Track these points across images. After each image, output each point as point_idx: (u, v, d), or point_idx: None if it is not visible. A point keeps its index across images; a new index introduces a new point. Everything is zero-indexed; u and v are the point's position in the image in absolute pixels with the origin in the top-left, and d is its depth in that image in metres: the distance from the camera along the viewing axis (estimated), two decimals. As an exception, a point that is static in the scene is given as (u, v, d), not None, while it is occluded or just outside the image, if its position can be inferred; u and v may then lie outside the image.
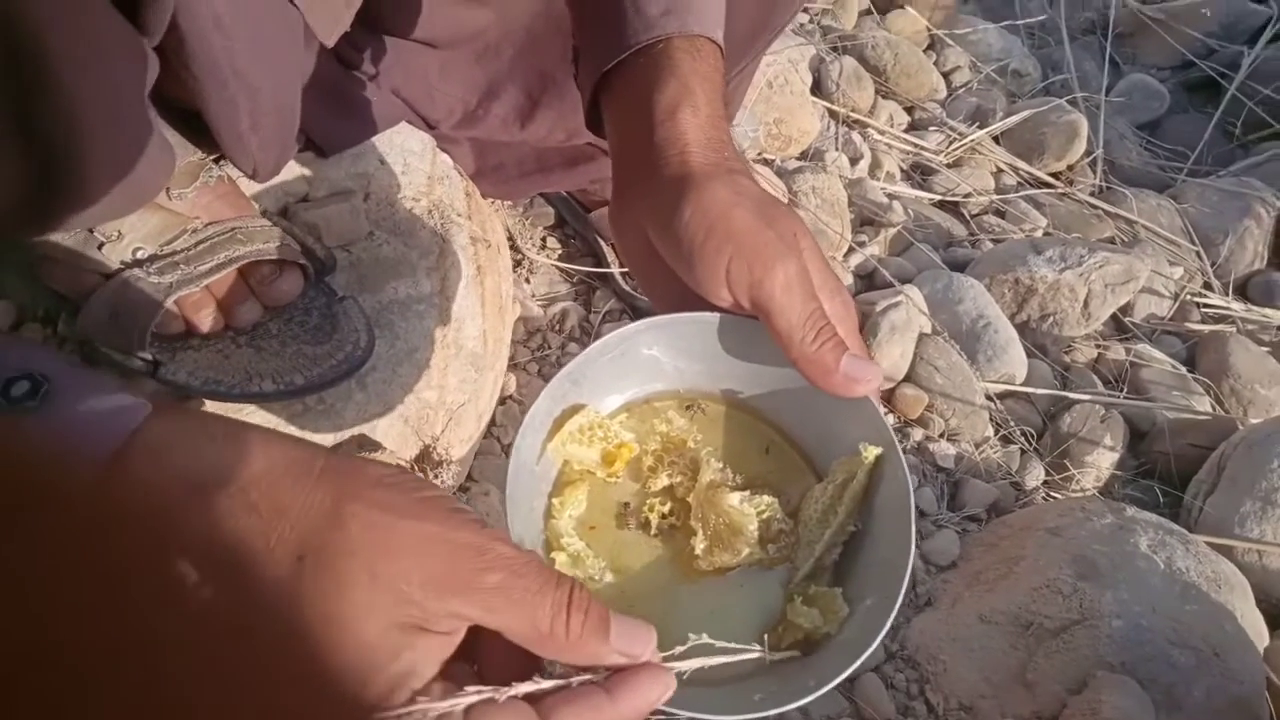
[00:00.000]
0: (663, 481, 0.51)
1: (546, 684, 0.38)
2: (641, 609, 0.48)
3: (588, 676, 0.39)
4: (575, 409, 0.50)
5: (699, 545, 0.49)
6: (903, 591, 0.44)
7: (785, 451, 0.54)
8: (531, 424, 0.47)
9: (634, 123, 0.52)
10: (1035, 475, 1.22)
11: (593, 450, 0.50)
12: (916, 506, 0.73)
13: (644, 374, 0.53)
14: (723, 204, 0.47)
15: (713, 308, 0.50)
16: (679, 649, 0.42)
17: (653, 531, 0.50)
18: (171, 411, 0.39)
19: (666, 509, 0.51)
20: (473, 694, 0.37)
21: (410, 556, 0.36)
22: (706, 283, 0.48)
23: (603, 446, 0.51)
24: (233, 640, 0.25)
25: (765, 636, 0.46)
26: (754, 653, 0.44)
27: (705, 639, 0.42)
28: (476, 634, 0.38)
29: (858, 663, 0.43)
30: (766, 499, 0.50)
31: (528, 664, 0.40)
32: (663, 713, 0.42)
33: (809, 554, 0.49)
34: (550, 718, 0.37)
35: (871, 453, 0.49)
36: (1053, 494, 1.23)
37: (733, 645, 0.43)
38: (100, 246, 0.63)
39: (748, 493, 0.50)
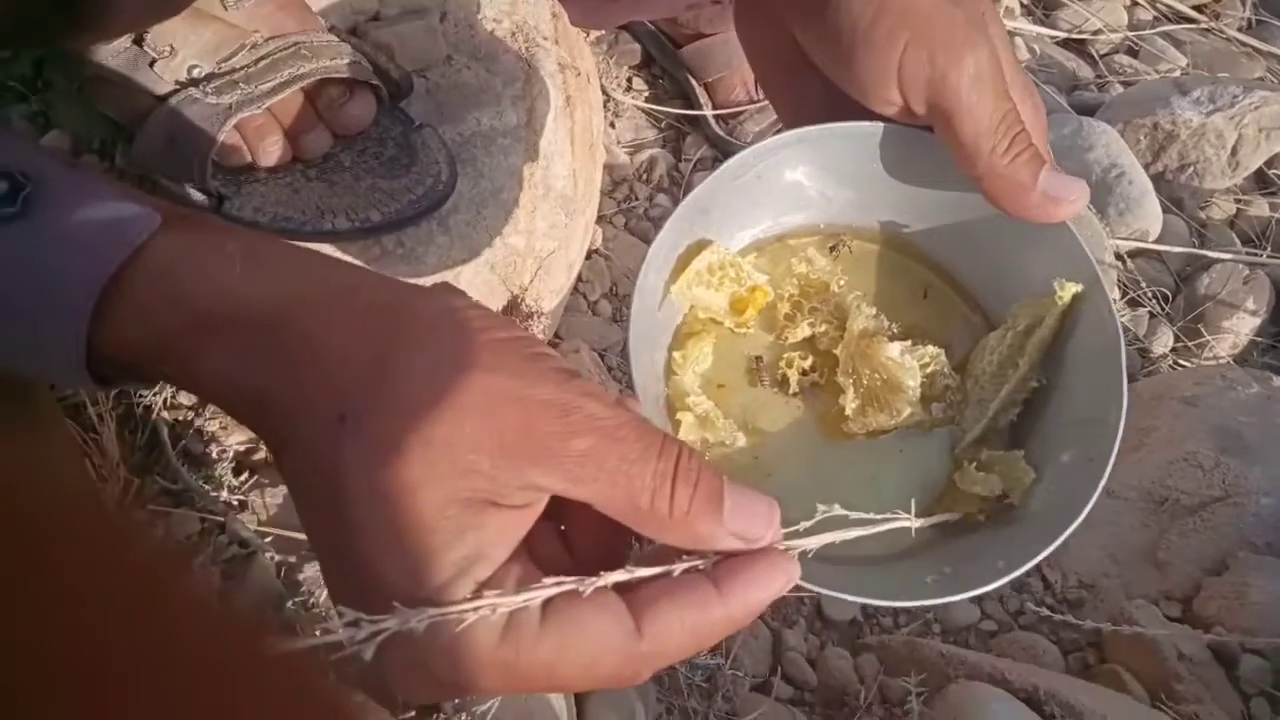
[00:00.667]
0: (803, 332, 0.44)
1: (642, 572, 0.31)
2: (780, 478, 0.41)
3: (693, 562, 0.32)
4: (701, 245, 0.42)
5: (849, 404, 0.42)
6: (1114, 454, 0.36)
7: (947, 295, 0.46)
8: (654, 261, 0.40)
9: None
10: (1164, 341, 1.11)
11: (721, 295, 0.43)
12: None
13: (783, 202, 0.44)
14: None
15: (870, 117, 0.41)
16: (804, 524, 0.34)
17: (792, 390, 0.43)
18: (183, 224, 0.32)
19: (808, 364, 0.43)
20: (550, 585, 0.30)
21: (476, 418, 0.29)
22: (871, 80, 0.39)
23: (733, 290, 0.43)
24: None
25: (913, 502, 0.39)
26: (900, 523, 0.36)
27: (838, 509, 0.34)
28: (563, 498, 0.31)
29: (1061, 538, 0.35)
30: (931, 350, 0.42)
31: (624, 536, 0.33)
32: (808, 590, 0.35)
33: (980, 413, 0.42)
34: (644, 614, 0.30)
35: (1069, 291, 0.40)
36: (1182, 362, 1.13)
37: (870, 515, 0.36)
38: (152, 64, 0.56)
39: (908, 343, 0.42)
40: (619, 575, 0.31)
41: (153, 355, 0.31)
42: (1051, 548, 0.36)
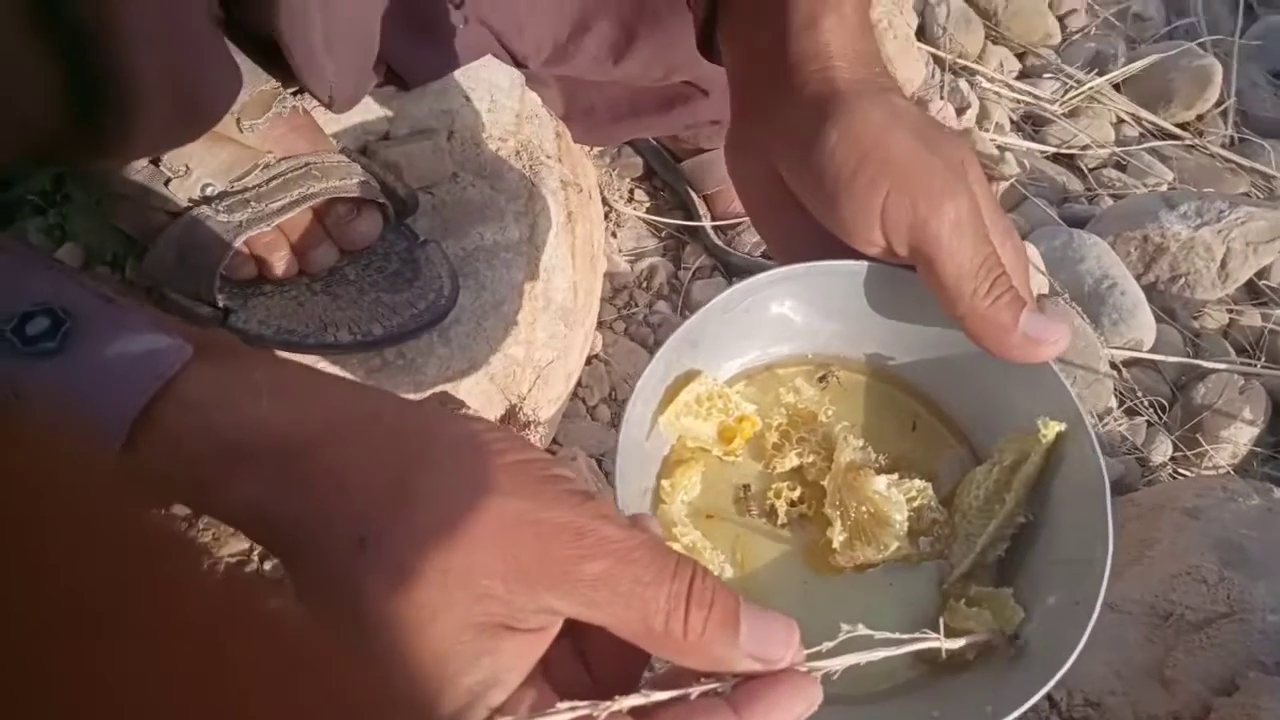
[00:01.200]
0: (790, 462, 0.44)
1: (657, 696, 0.31)
2: None
3: (711, 685, 0.31)
4: (690, 375, 0.43)
5: (837, 537, 0.42)
6: (1102, 593, 0.36)
7: (935, 428, 0.46)
8: (642, 392, 0.40)
9: (763, 34, 0.44)
10: (1163, 450, 1.11)
11: (709, 424, 0.43)
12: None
13: (770, 334, 0.45)
14: (878, 127, 0.40)
15: (854, 255, 0.42)
16: (827, 644, 0.34)
17: (780, 521, 0.43)
18: (212, 353, 0.33)
19: (796, 494, 0.44)
20: (564, 710, 0.30)
21: (492, 544, 0.29)
22: (854, 224, 0.40)
23: (720, 420, 0.43)
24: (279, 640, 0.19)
25: (941, 621, 0.38)
26: (929, 643, 0.36)
27: (863, 629, 0.34)
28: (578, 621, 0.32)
29: (1052, 681, 0.35)
30: (919, 484, 0.42)
31: (642, 658, 0.33)
32: None
33: (968, 548, 0.42)
34: None
35: (1053, 429, 0.41)
36: (1180, 471, 1.13)
37: (896, 635, 0.35)
38: (167, 182, 0.58)
39: (895, 476, 0.42)
40: (635, 699, 0.30)
41: (182, 483, 0.32)
42: (1039, 695, 0.35)
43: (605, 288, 1.04)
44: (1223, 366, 1.16)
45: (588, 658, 0.34)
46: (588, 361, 0.95)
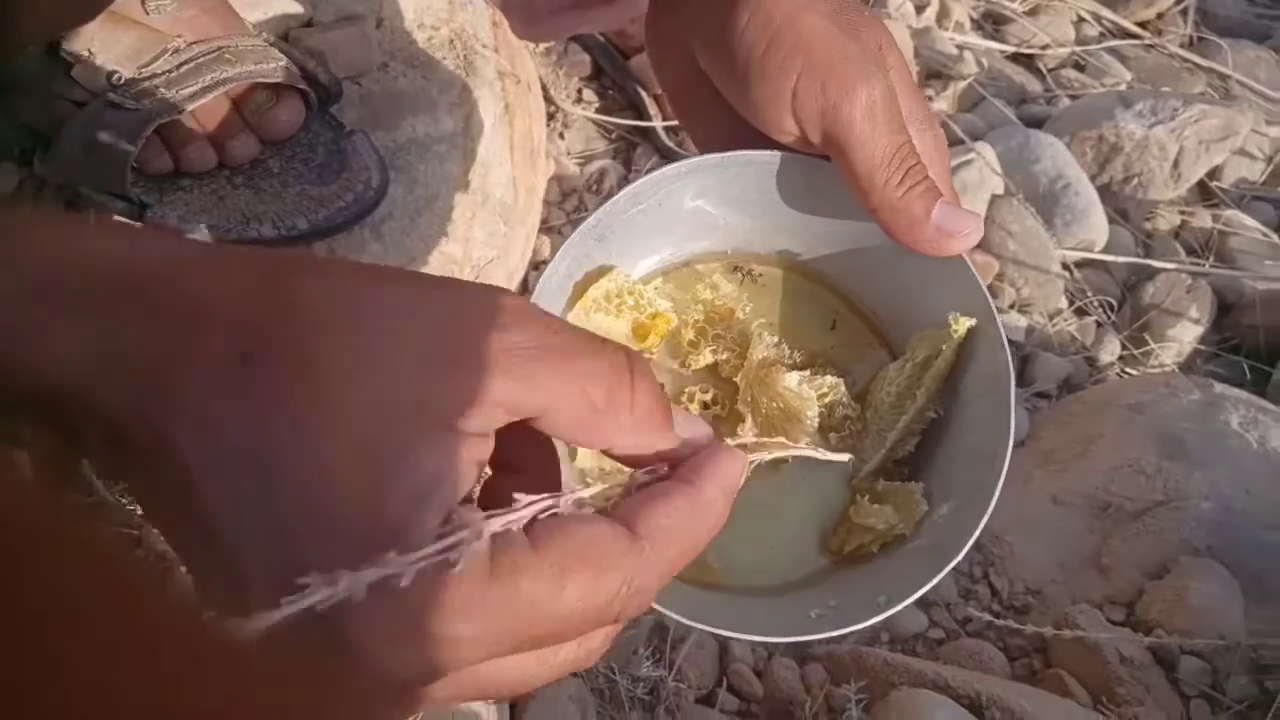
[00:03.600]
0: (705, 359, 0.44)
1: (598, 486, 0.29)
2: None
3: (654, 467, 0.30)
4: (601, 271, 0.42)
5: (748, 434, 0.41)
6: (999, 487, 0.36)
7: (853, 324, 0.45)
8: (546, 287, 0.39)
9: None
10: (1111, 350, 1.13)
11: (622, 321, 0.42)
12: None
13: (685, 230, 0.44)
14: (790, 6, 0.38)
15: (771, 145, 0.41)
16: (749, 438, 0.34)
17: None
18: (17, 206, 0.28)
19: (709, 397, 0.43)
20: (528, 504, 0.27)
21: (402, 327, 0.26)
22: (766, 109, 0.39)
23: (634, 317, 0.43)
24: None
25: (831, 438, 0.38)
26: (841, 458, 0.37)
27: (783, 441, 0.35)
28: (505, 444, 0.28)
29: (942, 574, 0.36)
30: (830, 380, 0.42)
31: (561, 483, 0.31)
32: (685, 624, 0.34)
33: (879, 444, 0.42)
34: (633, 520, 0.28)
35: (963, 325, 0.41)
36: (1128, 370, 1.14)
37: (805, 449, 0.36)
38: (69, 70, 0.55)
39: (807, 372, 0.42)
40: (597, 487, 0.29)
41: None
42: (930, 584, 0.36)
43: (553, 191, 1.02)
44: (1171, 266, 1.16)
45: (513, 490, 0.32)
46: (535, 267, 0.94)
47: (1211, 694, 0.72)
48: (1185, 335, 1.14)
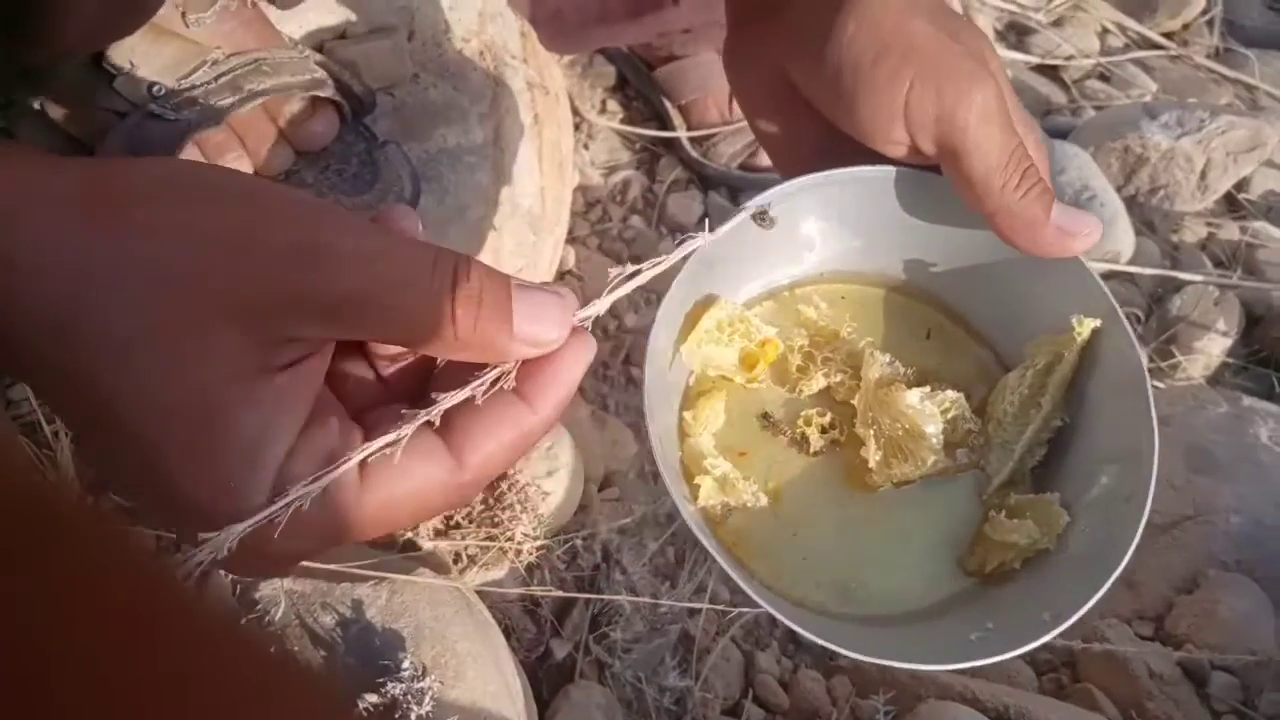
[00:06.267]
0: (817, 384, 0.43)
1: (445, 403, 0.30)
2: (806, 536, 0.40)
3: (495, 374, 0.30)
4: (709, 300, 0.41)
5: (872, 456, 0.40)
6: (1151, 487, 0.36)
7: (952, 335, 0.44)
8: (663, 321, 0.38)
9: None
10: (1137, 362, 1.12)
11: (730, 351, 0.41)
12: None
13: (786, 252, 0.43)
14: (897, 13, 0.37)
15: (869, 163, 0.40)
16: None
17: (813, 449, 0.42)
18: None
19: (827, 420, 0.42)
20: (358, 454, 0.29)
21: (215, 273, 0.26)
22: (875, 121, 0.38)
23: (743, 345, 0.41)
24: None
25: (707, 222, 0.38)
26: (695, 243, 0.37)
27: (630, 268, 0.34)
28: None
29: (1109, 583, 0.34)
30: (951, 394, 0.41)
31: (427, 357, 0.32)
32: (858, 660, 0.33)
33: (1006, 456, 0.41)
34: (463, 449, 0.29)
35: (1087, 326, 0.40)
36: (1156, 383, 1.13)
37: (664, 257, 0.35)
38: (111, 81, 0.55)
39: (927, 388, 0.41)
40: (421, 418, 0.29)
41: None
42: (1100, 593, 0.35)
43: (578, 201, 1.02)
44: (1198, 278, 1.16)
45: (374, 362, 0.32)
46: (560, 277, 0.94)
47: (1243, 710, 0.71)
48: (1213, 348, 1.13)
